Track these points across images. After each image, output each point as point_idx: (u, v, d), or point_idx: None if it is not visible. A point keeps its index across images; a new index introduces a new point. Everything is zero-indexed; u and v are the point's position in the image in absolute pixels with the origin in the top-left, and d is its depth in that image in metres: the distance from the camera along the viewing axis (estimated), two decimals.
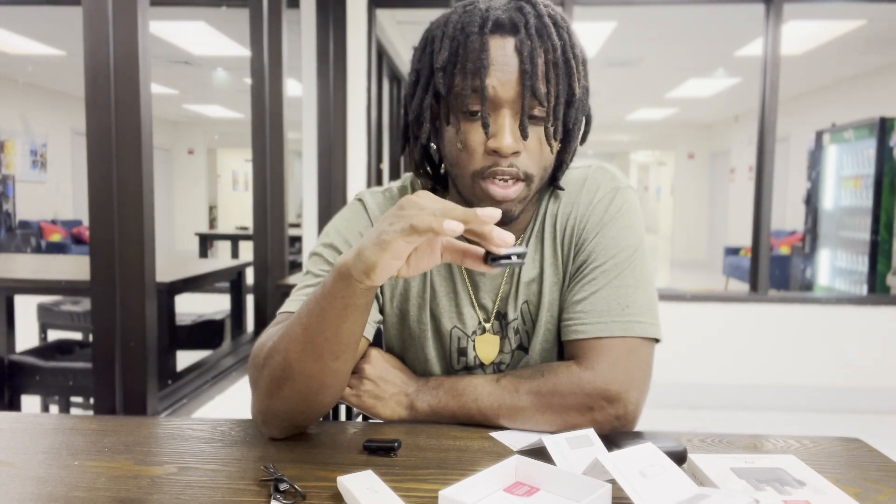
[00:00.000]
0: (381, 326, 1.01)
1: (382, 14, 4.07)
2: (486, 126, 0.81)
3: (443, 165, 0.95)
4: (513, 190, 0.83)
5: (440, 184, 0.97)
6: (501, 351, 0.96)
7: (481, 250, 0.70)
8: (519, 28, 0.81)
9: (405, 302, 0.97)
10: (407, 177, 1.03)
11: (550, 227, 0.94)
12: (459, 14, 0.84)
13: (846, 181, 5.47)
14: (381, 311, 0.99)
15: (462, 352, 0.96)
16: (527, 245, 0.95)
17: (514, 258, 0.67)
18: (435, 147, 0.93)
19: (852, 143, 5.35)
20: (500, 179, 0.83)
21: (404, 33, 4.82)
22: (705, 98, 8.53)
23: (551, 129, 0.84)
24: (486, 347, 0.96)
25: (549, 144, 0.85)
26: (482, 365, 0.96)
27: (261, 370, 0.81)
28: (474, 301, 0.96)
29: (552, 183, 0.94)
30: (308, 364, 0.76)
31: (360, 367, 0.92)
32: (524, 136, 0.81)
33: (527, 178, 0.84)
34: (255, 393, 0.83)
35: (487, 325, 0.96)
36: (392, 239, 0.65)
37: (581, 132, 0.91)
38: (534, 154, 0.84)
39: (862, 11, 4.70)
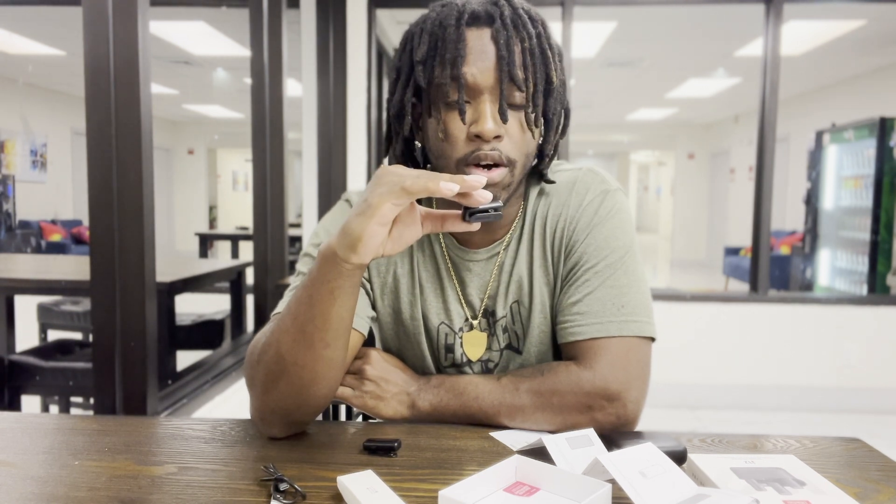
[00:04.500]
0: (377, 326, 1.02)
1: (382, 14, 4.08)
2: (462, 112, 0.83)
3: (427, 166, 0.96)
4: (496, 173, 0.84)
5: None
6: (489, 349, 0.96)
7: (458, 211, 0.73)
8: (495, 19, 0.84)
9: (396, 300, 0.98)
10: None
11: (540, 227, 0.95)
12: (437, 11, 0.87)
13: (846, 181, 5.48)
14: (374, 307, 0.99)
15: (449, 348, 0.97)
16: (518, 244, 0.95)
17: (490, 212, 0.71)
18: (419, 144, 0.94)
19: (852, 143, 5.35)
20: (483, 165, 0.84)
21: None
22: (705, 98, 8.53)
23: (532, 116, 0.86)
24: (474, 344, 0.96)
25: (531, 130, 0.87)
26: (469, 362, 0.97)
27: (256, 367, 0.82)
28: (461, 298, 0.96)
29: (540, 178, 0.95)
30: (300, 354, 0.77)
31: (360, 367, 0.92)
32: (504, 119, 0.83)
33: (510, 163, 0.85)
34: (251, 392, 0.83)
35: (475, 322, 0.96)
36: (380, 202, 0.67)
37: (560, 125, 0.92)
38: (516, 139, 0.85)
39: (862, 11, 4.69)
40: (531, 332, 0.94)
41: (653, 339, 0.89)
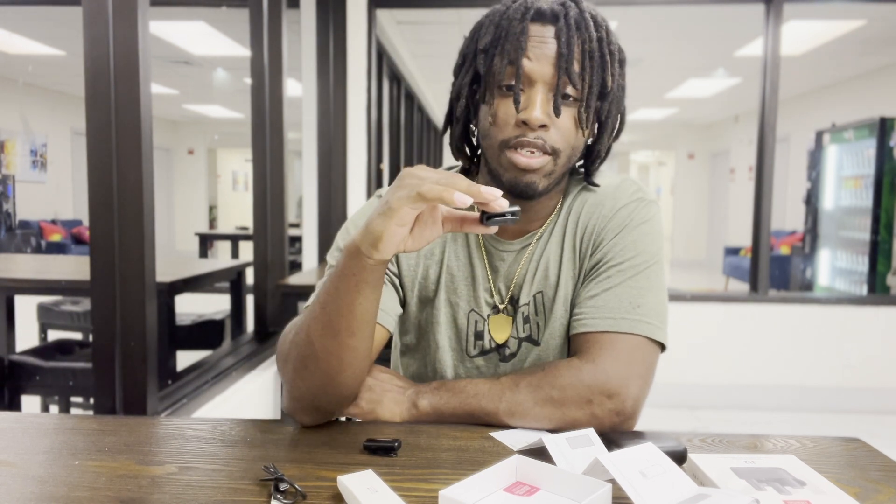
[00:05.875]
0: (399, 321, 1.03)
1: (382, 14, 4.07)
2: (517, 101, 0.86)
3: (478, 150, 0.99)
4: (537, 160, 0.87)
5: (475, 165, 1.01)
6: (510, 335, 0.97)
7: (476, 214, 0.74)
8: (559, 18, 0.87)
9: (424, 289, 1.00)
10: None
11: (573, 222, 0.97)
12: (507, 6, 0.90)
13: (846, 181, 5.48)
14: (404, 303, 1.01)
15: (479, 335, 0.98)
16: (549, 236, 0.97)
17: (507, 216, 0.72)
18: (474, 129, 0.97)
19: (852, 143, 5.35)
20: (527, 150, 0.86)
21: (404, 33, 4.82)
22: (705, 98, 8.53)
23: (584, 115, 0.88)
24: (500, 327, 0.98)
25: (582, 128, 0.89)
26: (497, 347, 0.98)
27: (288, 351, 0.85)
28: (492, 285, 0.98)
29: (586, 178, 0.98)
30: (328, 341, 0.80)
31: None
32: (557, 113, 0.85)
33: (553, 153, 0.88)
34: (283, 376, 0.86)
35: (501, 307, 0.98)
36: (398, 206, 0.69)
37: (615, 128, 0.95)
38: (564, 130, 0.88)
39: (862, 11, 4.69)
40: (552, 324, 0.95)
41: (663, 347, 0.90)
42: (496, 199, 0.69)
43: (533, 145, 0.86)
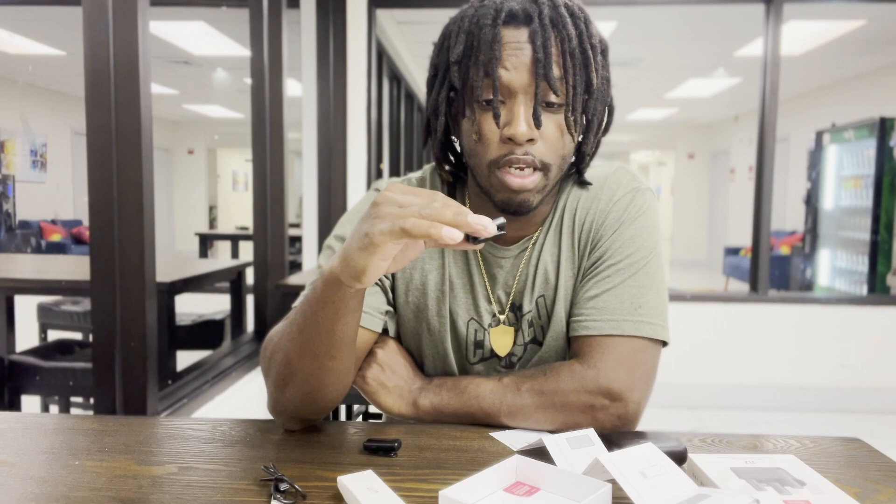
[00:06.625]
0: (394, 323, 1.01)
1: (382, 14, 4.07)
2: (497, 116, 0.81)
3: (462, 158, 0.96)
4: (529, 180, 0.83)
5: (462, 173, 0.98)
6: (514, 343, 0.96)
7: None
8: (532, 18, 0.81)
9: (423, 296, 0.97)
10: (427, 168, 1.03)
11: (569, 220, 0.94)
12: (475, 9, 0.85)
13: (846, 181, 5.48)
14: (395, 305, 0.99)
15: (479, 344, 0.97)
16: (545, 238, 0.95)
17: (495, 229, 0.68)
18: (455, 139, 0.94)
19: (852, 143, 5.35)
20: (516, 168, 0.83)
21: (404, 33, 4.82)
22: (705, 98, 8.53)
23: (571, 119, 0.84)
24: (501, 339, 0.96)
25: (571, 134, 0.85)
26: (498, 357, 0.96)
27: (269, 365, 0.84)
28: (490, 294, 0.96)
29: (578, 177, 0.95)
30: (307, 364, 0.78)
31: (373, 350, 0.93)
32: (538, 124, 0.81)
33: (543, 167, 0.84)
34: (266, 385, 0.86)
35: (502, 317, 0.96)
36: (381, 242, 0.64)
37: (603, 123, 0.91)
38: (550, 142, 0.84)
39: (862, 11, 4.69)
40: (554, 325, 0.94)
41: (664, 344, 0.89)
42: (485, 229, 0.63)
43: (522, 162, 0.82)
